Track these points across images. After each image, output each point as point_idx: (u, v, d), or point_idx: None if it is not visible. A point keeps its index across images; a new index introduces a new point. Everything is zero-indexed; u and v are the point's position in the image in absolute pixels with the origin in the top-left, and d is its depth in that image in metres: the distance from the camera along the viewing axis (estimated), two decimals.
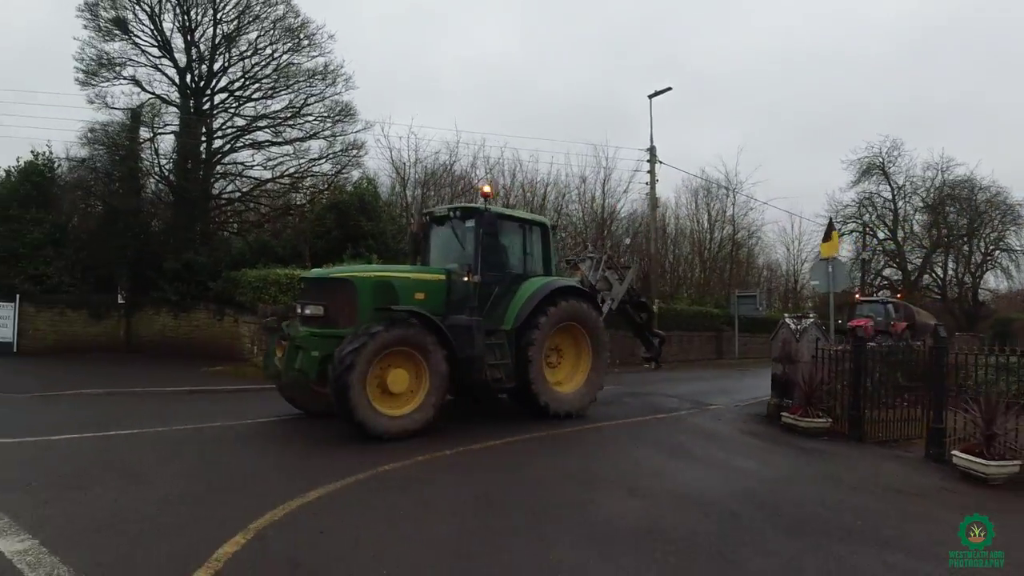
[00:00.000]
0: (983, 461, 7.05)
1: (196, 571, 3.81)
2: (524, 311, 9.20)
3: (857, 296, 26.79)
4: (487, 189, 9.75)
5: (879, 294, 36.37)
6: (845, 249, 41.63)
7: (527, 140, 56.81)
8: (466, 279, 8.80)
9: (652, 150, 22.82)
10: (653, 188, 23.73)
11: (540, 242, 10.34)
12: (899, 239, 40.83)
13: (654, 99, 22.47)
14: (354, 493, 5.74)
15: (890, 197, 40.61)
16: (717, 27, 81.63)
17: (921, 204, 40.61)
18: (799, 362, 10.57)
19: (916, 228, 41.49)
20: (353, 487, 5.89)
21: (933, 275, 42.37)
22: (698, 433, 9.45)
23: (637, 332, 14.02)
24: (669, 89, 22.30)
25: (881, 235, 41.83)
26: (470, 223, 9.35)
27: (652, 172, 23.20)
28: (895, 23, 73.67)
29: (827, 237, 14.16)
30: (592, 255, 12.13)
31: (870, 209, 41.56)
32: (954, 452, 7.50)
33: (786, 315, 11.69)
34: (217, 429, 8.62)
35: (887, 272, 42.70)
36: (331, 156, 27.67)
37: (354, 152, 28.08)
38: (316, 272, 9.49)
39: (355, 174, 28.85)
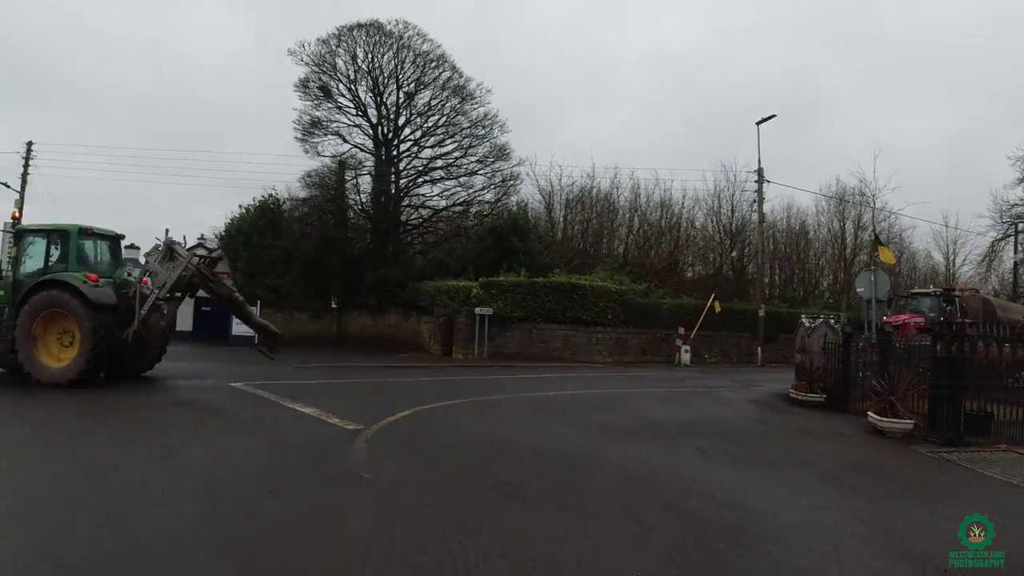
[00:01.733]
0: (879, 418, 10.26)
1: (387, 417, 8.84)
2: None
3: (916, 289, 25.19)
4: (16, 213, 13.55)
5: None
6: (1008, 253, 40.19)
7: (665, 160, 60.12)
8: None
9: (760, 171, 25.74)
10: (761, 206, 26.60)
11: (64, 246, 12.12)
12: None
13: (761, 125, 25.37)
14: (462, 405, 10.63)
15: None
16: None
17: None
18: (810, 352, 13.87)
19: None
20: (463, 404, 10.80)
21: None
22: (712, 398, 13.21)
23: (247, 323, 14.19)
24: (774, 116, 25.05)
25: None
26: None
27: (760, 192, 26.13)
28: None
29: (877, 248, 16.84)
30: (159, 243, 12.79)
31: None
32: (868, 412, 10.73)
33: (803, 316, 14.87)
34: (400, 382, 14.05)
35: None
36: (492, 187, 33.56)
37: (510, 183, 33.86)
38: None
39: (513, 200, 34.61)
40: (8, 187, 32.38)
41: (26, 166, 33.55)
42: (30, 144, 33.89)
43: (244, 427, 8.31)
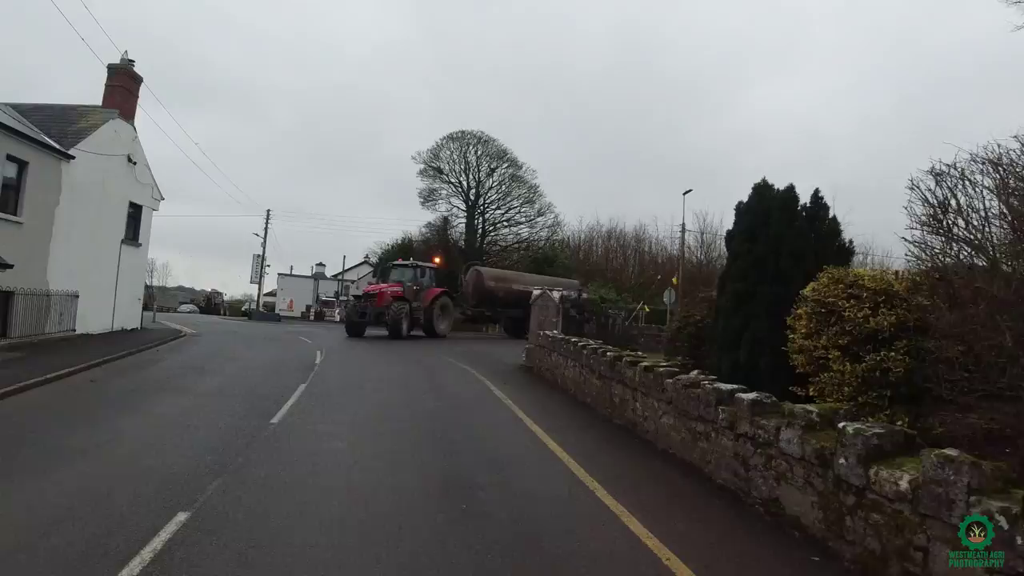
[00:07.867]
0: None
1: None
2: None
3: (399, 260, 33.61)
4: None
5: None
6: None
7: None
8: None
9: (683, 227, 42.21)
10: (682, 255, 43.03)
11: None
12: None
13: (686, 195, 41.85)
14: (467, 339, 29.66)
15: None
16: None
17: None
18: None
19: None
20: (468, 338, 29.86)
21: None
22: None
23: None
24: (691, 191, 41.36)
25: None
26: None
27: (682, 242, 42.58)
28: None
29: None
30: None
31: None
32: None
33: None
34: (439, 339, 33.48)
35: None
36: (543, 228, 52.46)
37: (554, 227, 52.57)
38: None
39: (559, 237, 53.36)
40: (257, 236, 55.88)
41: (266, 226, 56.53)
42: (268, 211, 56.94)
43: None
